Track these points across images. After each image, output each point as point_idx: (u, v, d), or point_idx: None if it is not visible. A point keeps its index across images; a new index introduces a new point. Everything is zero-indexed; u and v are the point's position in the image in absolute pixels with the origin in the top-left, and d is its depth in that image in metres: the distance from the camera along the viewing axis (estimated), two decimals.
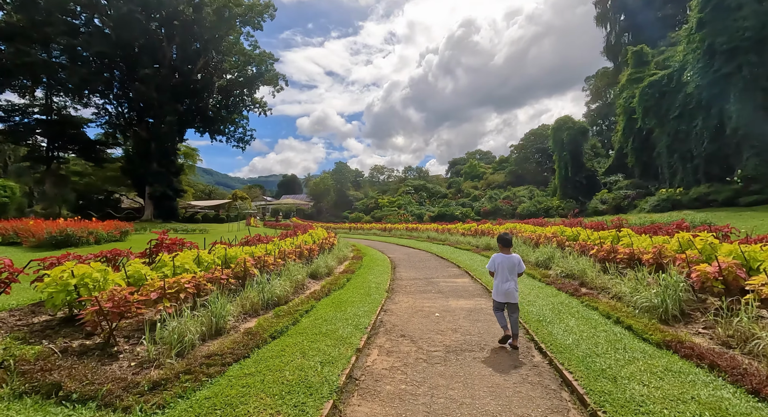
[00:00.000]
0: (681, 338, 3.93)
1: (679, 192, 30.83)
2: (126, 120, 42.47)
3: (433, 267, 12.25)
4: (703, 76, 29.15)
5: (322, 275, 9.32)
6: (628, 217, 23.08)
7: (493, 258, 4.86)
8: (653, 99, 34.09)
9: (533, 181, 55.46)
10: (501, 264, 4.73)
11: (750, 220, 18.19)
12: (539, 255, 9.39)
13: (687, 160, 31.82)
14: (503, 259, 4.74)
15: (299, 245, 9.72)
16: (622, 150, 41.47)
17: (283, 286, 6.68)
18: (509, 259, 4.73)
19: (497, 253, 4.88)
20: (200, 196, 79.46)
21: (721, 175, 29.16)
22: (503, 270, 4.71)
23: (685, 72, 31.12)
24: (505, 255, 4.76)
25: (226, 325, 4.88)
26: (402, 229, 28.94)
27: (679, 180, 32.53)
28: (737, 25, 26.94)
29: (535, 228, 12.08)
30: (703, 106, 29.73)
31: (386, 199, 61.09)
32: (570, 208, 39.47)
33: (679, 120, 31.85)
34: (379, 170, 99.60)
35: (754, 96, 26.53)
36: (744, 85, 26.92)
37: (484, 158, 79.33)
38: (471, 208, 47.13)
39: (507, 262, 4.71)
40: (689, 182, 31.55)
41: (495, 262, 4.79)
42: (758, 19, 26.12)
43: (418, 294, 8.15)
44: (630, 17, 58.19)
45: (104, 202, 50.22)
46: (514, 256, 4.80)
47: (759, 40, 26.20)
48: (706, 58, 29.07)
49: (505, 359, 4.39)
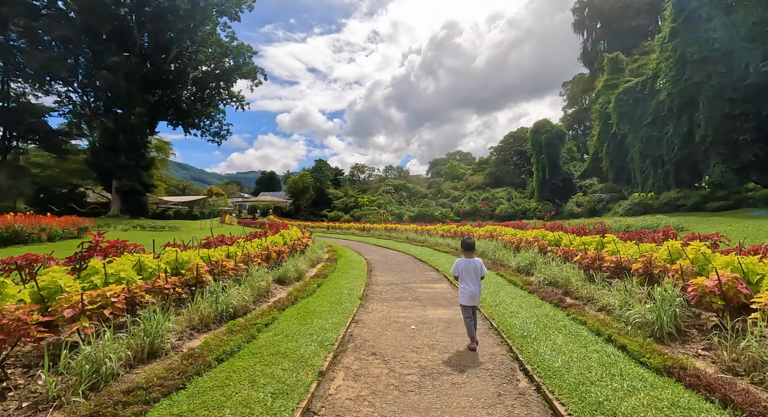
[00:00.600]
0: (683, 363, 3.47)
1: (650, 196, 31.56)
2: (92, 110, 40.01)
3: (411, 270, 11.69)
4: (675, 84, 29.90)
5: (290, 280, 8.58)
6: (604, 220, 23.29)
7: (456, 263, 4.91)
8: (628, 105, 34.83)
9: (511, 182, 56.04)
10: (465, 268, 4.79)
11: (718, 225, 18.51)
12: (520, 260, 8.97)
13: (658, 165, 32.64)
14: (466, 263, 4.81)
15: (267, 247, 8.93)
16: (597, 154, 42.30)
17: (242, 294, 5.92)
18: (472, 263, 4.82)
19: (461, 258, 4.93)
20: (174, 191, 76.43)
21: (690, 180, 30.01)
22: (468, 274, 4.77)
23: (658, 80, 31.87)
24: (468, 259, 4.83)
25: (164, 345, 4.11)
26: (381, 229, 28.35)
27: (650, 185, 33.34)
28: (707, 35, 27.70)
29: (515, 231, 11.73)
30: (674, 113, 30.51)
31: (366, 199, 60.39)
32: (547, 210, 39.95)
33: (652, 126, 32.62)
34: (360, 169, 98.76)
35: (722, 105, 27.35)
36: (713, 94, 27.71)
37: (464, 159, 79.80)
38: (450, 209, 47.05)
39: (470, 266, 4.79)
40: (660, 187, 32.37)
41: (459, 266, 4.84)
42: (726, 31, 26.91)
43: (393, 301, 7.55)
44: (606, 25, 59.62)
45: (68, 197, 47.30)
46: (476, 260, 4.89)
47: (727, 51, 27.00)
48: (677, 66, 29.82)
49: (487, 385, 3.83)
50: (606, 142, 39.32)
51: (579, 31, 63.94)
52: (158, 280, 4.83)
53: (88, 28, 35.46)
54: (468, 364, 4.39)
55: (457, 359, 4.51)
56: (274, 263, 9.55)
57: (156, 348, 4.02)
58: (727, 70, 27.15)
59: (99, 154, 38.99)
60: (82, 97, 39.88)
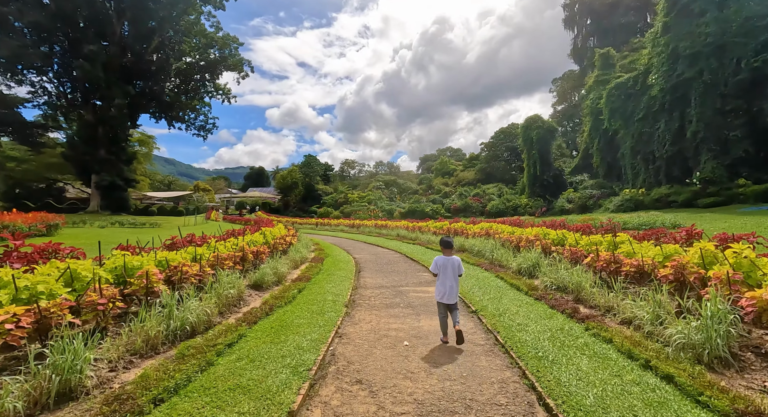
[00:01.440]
0: (760, 408, 2.65)
1: (641, 193, 31.26)
2: (69, 101, 38.03)
3: (403, 271, 10.82)
4: (667, 80, 29.53)
5: (268, 285, 7.62)
6: (598, 217, 22.78)
7: (435, 260, 4.95)
8: (619, 101, 34.44)
9: (502, 179, 55.61)
10: (444, 266, 4.83)
11: (714, 221, 18.05)
12: (522, 261, 8.16)
13: (649, 162, 32.36)
14: (444, 260, 4.84)
15: (242, 248, 7.94)
16: (587, 150, 42.00)
17: (203, 307, 4.94)
18: (450, 260, 4.84)
19: (439, 256, 4.96)
20: (159, 186, 74.26)
21: (681, 176, 29.76)
22: (445, 271, 4.80)
23: (650, 75, 31.50)
24: (446, 257, 4.87)
25: (85, 382, 3.15)
26: (371, 225, 27.42)
27: (641, 181, 33.07)
28: (699, 30, 27.30)
29: (513, 229, 10.94)
30: (666, 109, 30.18)
31: (356, 194, 59.33)
32: (538, 206, 39.52)
33: (643, 122, 32.28)
34: (350, 165, 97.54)
35: (714, 100, 27.05)
36: (704, 90, 27.39)
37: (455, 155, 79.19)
38: (441, 205, 46.35)
39: (449, 263, 4.81)
40: (651, 183, 32.11)
41: (437, 264, 4.89)
42: (719, 26, 26.52)
43: (383, 309, 6.66)
44: (596, 22, 59.35)
45: (46, 192, 45.21)
46: (454, 258, 4.91)
47: (719, 45, 26.65)
48: (669, 61, 29.42)
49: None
50: (597, 138, 38.98)
51: (569, 27, 63.60)
52: (90, 294, 3.84)
53: (62, 14, 33.50)
54: (475, 396, 3.52)
55: (461, 390, 3.64)
56: (252, 265, 8.57)
57: (73, 387, 3.05)
58: (719, 66, 26.82)
59: (76, 147, 37.10)
60: (58, 87, 37.84)
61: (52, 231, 18.75)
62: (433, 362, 4.32)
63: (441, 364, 4.25)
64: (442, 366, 4.20)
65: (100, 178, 37.25)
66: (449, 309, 4.83)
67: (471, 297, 7.01)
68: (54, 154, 41.69)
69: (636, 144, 33.14)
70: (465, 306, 6.71)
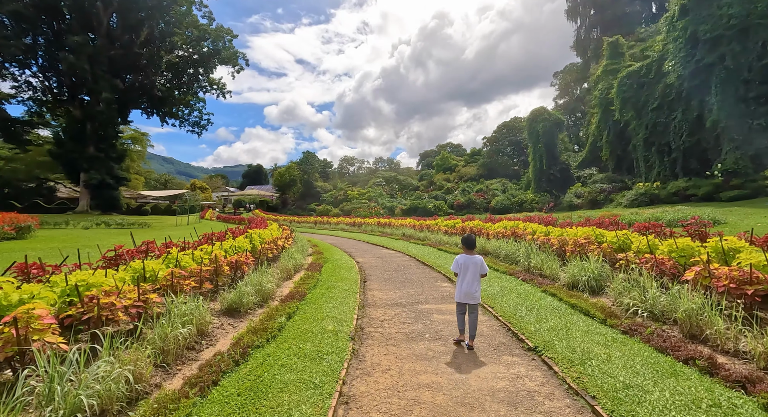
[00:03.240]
0: None
1: (656, 186, 29.39)
2: (54, 96, 35.88)
3: (417, 280, 8.92)
4: (685, 66, 27.53)
5: (249, 309, 5.69)
6: (618, 212, 20.87)
7: (456, 259, 4.71)
8: (631, 90, 32.45)
9: (505, 174, 53.65)
10: (464, 265, 4.59)
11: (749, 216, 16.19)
12: (577, 272, 6.23)
13: (664, 154, 30.44)
14: (466, 259, 4.60)
15: (215, 257, 6.01)
16: (596, 143, 40.03)
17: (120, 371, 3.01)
18: (473, 260, 4.60)
19: (461, 254, 4.71)
20: (155, 185, 72.12)
21: (699, 169, 27.87)
22: (467, 271, 4.56)
23: (666, 62, 29.49)
24: (468, 256, 4.63)
25: None
26: (373, 224, 25.48)
27: (655, 174, 31.16)
28: (721, 12, 25.29)
29: (549, 229, 9.01)
30: (683, 98, 28.23)
31: (356, 191, 57.31)
32: (544, 201, 37.67)
33: (658, 112, 30.33)
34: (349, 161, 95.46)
35: (736, 87, 25.11)
36: (726, 76, 25.45)
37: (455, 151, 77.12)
38: (444, 201, 44.46)
39: (470, 262, 4.57)
40: (666, 176, 30.22)
41: (459, 263, 4.66)
42: (743, 7, 24.50)
43: (404, 344, 4.76)
44: (600, 12, 57.25)
45: (35, 191, 43.20)
46: (477, 257, 4.64)
47: (743, 28, 24.67)
48: (687, 47, 27.42)
49: None
50: (606, 130, 37.02)
51: (572, 18, 61.47)
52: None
53: (45, 3, 31.33)
54: None
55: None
56: (231, 280, 6.65)
57: None
58: (742, 50, 24.84)
59: (64, 144, 35.01)
60: (44, 82, 35.67)
61: (24, 234, 16.80)
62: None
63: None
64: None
65: (89, 176, 35.21)
66: (469, 309, 4.58)
67: (521, 323, 5.11)
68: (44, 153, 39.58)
69: (650, 135, 31.20)
70: (515, 338, 4.80)
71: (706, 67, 26.27)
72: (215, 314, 5.34)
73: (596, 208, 32.16)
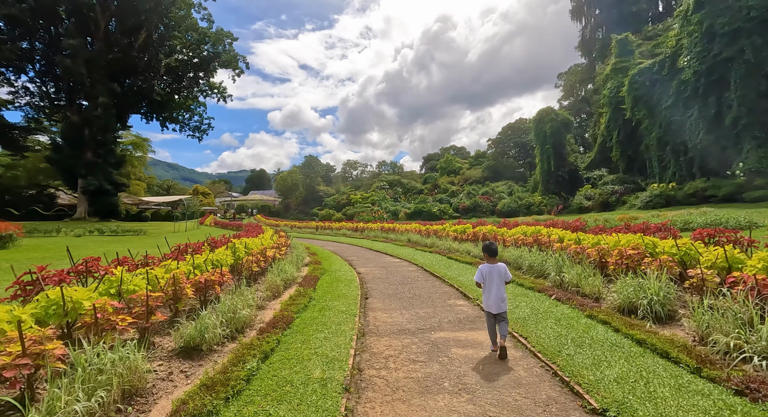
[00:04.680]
0: None
1: (672, 187, 27.87)
2: (51, 101, 35.08)
3: (427, 296, 7.61)
4: (701, 61, 26.12)
5: (214, 345, 4.38)
6: (639, 215, 19.43)
7: (480, 269, 4.50)
8: (644, 88, 31.05)
9: (511, 176, 52.21)
10: (489, 274, 4.40)
11: None
12: (632, 292, 4.84)
13: (680, 153, 28.92)
14: (490, 269, 4.42)
15: (174, 280, 4.71)
16: (605, 144, 38.58)
17: None
18: (496, 268, 4.41)
19: (483, 264, 4.51)
20: (158, 191, 71.32)
21: (718, 169, 26.34)
22: (492, 280, 4.38)
23: (680, 57, 28.10)
24: (491, 265, 4.44)
25: None
26: (377, 229, 24.17)
27: (670, 175, 29.64)
28: (740, 4, 23.90)
29: (580, 235, 7.60)
30: (699, 94, 26.77)
31: (359, 195, 56.07)
32: (553, 204, 36.24)
33: (673, 109, 28.86)
34: (352, 165, 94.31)
35: (758, 82, 23.66)
36: (746, 71, 24.00)
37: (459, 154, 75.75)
38: (449, 205, 43.09)
39: (495, 272, 4.39)
40: (682, 177, 28.68)
41: (482, 273, 4.45)
42: None
43: (416, 402, 3.43)
44: (605, 11, 55.98)
45: (35, 199, 42.35)
46: (500, 265, 4.45)
47: (764, 20, 23.24)
48: (704, 41, 26.02)
49: None
50: (616, 130, 35.57)
51: (577, 17, 60.26)
52: None
53: (42, 7, 30.56)
54: None
55: None
56: (201, 304, 5.35)
57: None
58: (763, 43, 23.42)
59: (62, 150, 34.13)
60: (41, 87, 34.89)
61: (5, 243, 15.65)
62: None
63: None
64: None
65: (86, 182, 34.28)
66: (497, 318, 4.39)
67: (572, 366, 3.77)
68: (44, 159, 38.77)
69: (664, 134, 29.72)
70: (570, 392, 3.45)
71: (724, 62, 24.86)
72: (166, 357, 4.04)
73: (607, 211, 30.67)
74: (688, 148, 27.96)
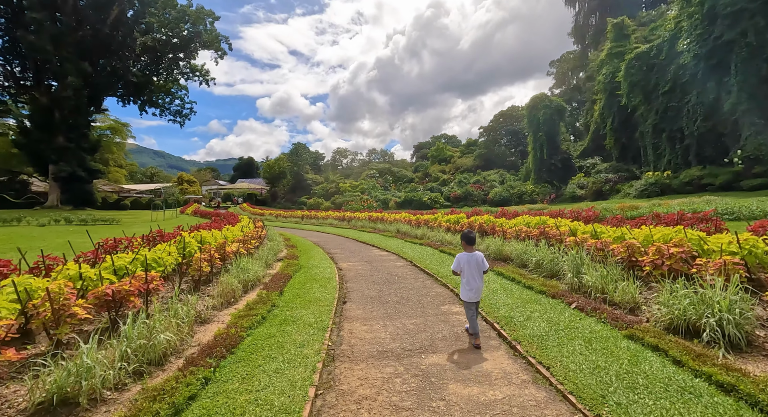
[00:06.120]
0: None
1: (667, 175, 26.99)
2: (17, 80, 32.41)
3: (416, 299, 6.32)
4: (701, 45, 24.89)
5: (97, 396, 2.95)
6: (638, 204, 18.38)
7: (458, 258, 4.43)
8: (640, 73, 29.81)
9: (503, 164, 51.07)
10: (468, 263, 4.34)
11: None
12: (688, 306, 3.62)
13: (676, 141, 27.97)
14: (468, 257, 4.35)
15: (49, 296, 3.27)
16: (599, 131, 37.55)
17: None
18: (474, 257, 4.35)
19: (462, 253, 4.43)
20: (141, 179, 68.48)
21: (715, 156, 25.48)
22: (470, 269, 4.32)
23: (680, 41, 26.83)
24: (469, 253, 4.38)
25: None
26: (364, 218, 22.77)
27: (665, 162, 28.73)
28: None
29: (597, 228, 6.32)
30: (698, 80, 25.65)
31: (348, 184, 54.37)
32: (545, 193, 35.23)
33: (669, 95, 27.77)
34: (342, 153, 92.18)
35: (759, 66, 22.55)
36: (748, 54, 22.87)
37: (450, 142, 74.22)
38: (440, 193, 41.83)
39: (473, 260, 4.33)
40: (678, 165, 27.78)
41: (460, 261, 4.39)
42: None
43: None
44: None
45: (6, 186, 39.79)
46: (477, 254, 4.39)
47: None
48: (705, 23, 24.74)
49: None
50: (611, 117, 34.46)
51: (570, 4, 58.51)
52: None
53: None
54: None
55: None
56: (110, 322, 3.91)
57: None
58: (766, 24, 22.24)
59: (30, 133, 31.67)
60: (5, 66, 32.15)
61: None
62: None
63: None
64: None
65: (58, 168, 32.00)
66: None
67: None
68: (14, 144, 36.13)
69: (660, 121, 28.69)
70: None
71: (725, 45, 23.69)
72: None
73: (601, 200, 29.73)
74: (685, 135, 27.01)
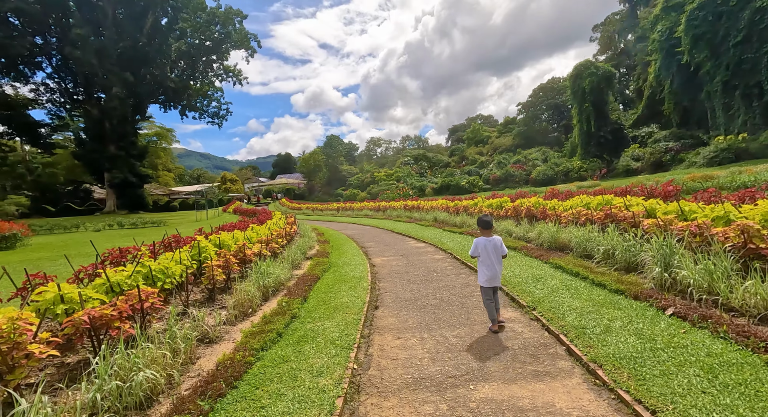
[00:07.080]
0: None
1: (743, 138, 23.33)
2: (71, 95, 34.64)
3: (459, 302, 5.39)
4: None
5: None
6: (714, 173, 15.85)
7: (476, 243, 4.30)
8: (705, 24, 25.80)
9: (544, 141, 47.63)
10: (485, 248, 4.23)
11: None
12: None
13: (753, 98, 24.06)
14: (486, 242, 4.24)
15: None
16: (654, 96, 33.55)
17: None
18: (492, 241, 4.24)
19: (479, 237, 4.31)
20: (189, 180, 72.19)
21: None
22: (488, 254, 4.21)
23: None
24: (487, 238, 4.27)
25: None
26: (399, 207, 21.87)
27: (740, 124, 24.90)
28: None
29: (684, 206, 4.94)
30: None
31: (383, 173, 53.56)
32: (595, 168, 32.20)
33: (743, 46, 23.79)
34: (376, 143, 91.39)
35: None
36: None
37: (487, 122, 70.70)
38: (479, 176, 39.85)
39: (490, 245, 4.23)
40: (756, 125, 23.94)
41: (478, 246, 4.27)
42: None
43: None
44: None
45: (72, 194, 43.32)
46: (496, 239, 4.29)
47: None
48: None
49: None
50: (669, 78, 30.51)
51: None
52: None
53: None
54: None
55: None
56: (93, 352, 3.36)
57: None
58: None
59: (85, 144, 33.95)
60: (60, 83, 34.44)
61: (13, 244, 14.82)
62: None
63: None
64: None
65: (111, 175, 34.11)
66: (494, 292, 4.23)
67: None
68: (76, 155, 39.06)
69: (732, 77, 24.80)
70: None
71: None
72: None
73: (662, 172, 26.50)
74: (764, 91, 23.11)
